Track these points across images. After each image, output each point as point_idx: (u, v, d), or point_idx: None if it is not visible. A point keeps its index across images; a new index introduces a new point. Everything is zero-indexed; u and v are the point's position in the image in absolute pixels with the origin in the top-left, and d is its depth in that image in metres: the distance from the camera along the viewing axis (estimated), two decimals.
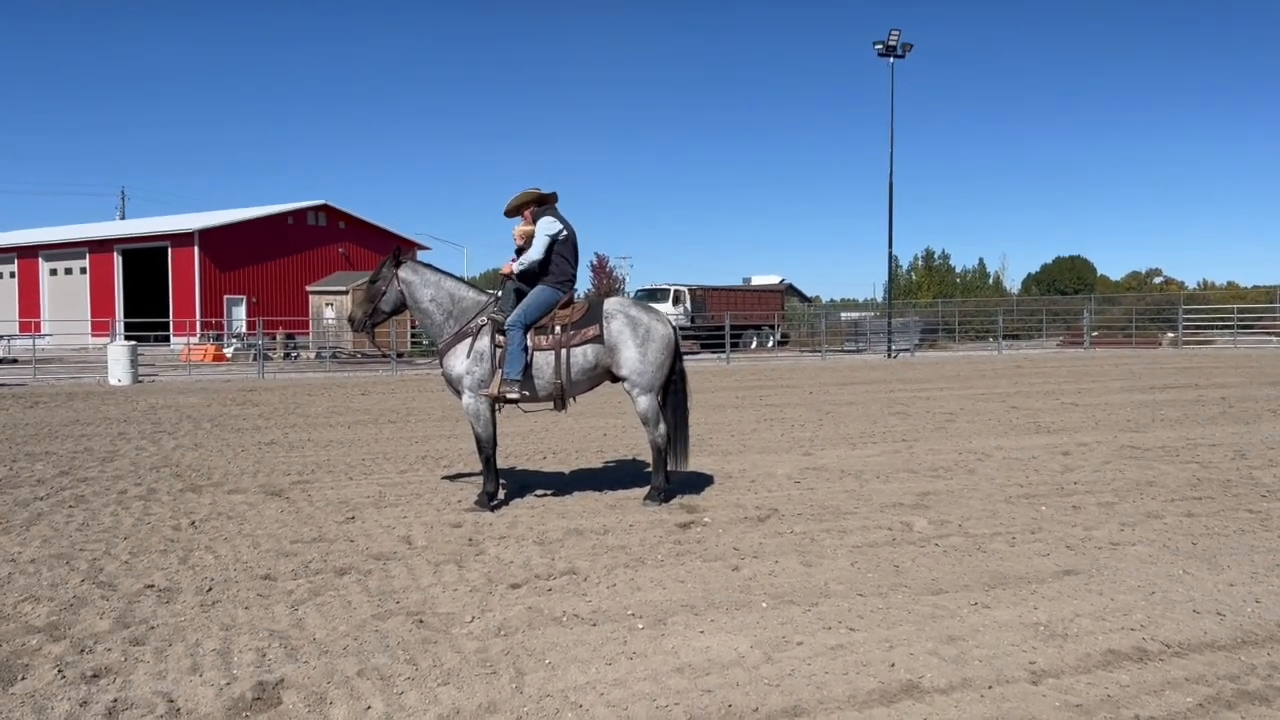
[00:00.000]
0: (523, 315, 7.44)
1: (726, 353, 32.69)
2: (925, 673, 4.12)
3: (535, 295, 7.53)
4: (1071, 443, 10.94)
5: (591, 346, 7.51)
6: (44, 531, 6.83)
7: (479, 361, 7.47)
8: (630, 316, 7.61)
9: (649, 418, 7.64)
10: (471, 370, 7.47)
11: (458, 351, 7.54)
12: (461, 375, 7.51)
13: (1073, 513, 7.23)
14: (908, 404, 15.99)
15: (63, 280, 53.94)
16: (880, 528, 6.78)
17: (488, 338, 7.50)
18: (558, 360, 7.47)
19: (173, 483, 8.84)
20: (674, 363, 7.74)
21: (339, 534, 6.74)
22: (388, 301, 7.83)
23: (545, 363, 7.47)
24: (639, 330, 7.54)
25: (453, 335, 7.59)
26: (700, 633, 4.64)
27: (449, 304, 7.69)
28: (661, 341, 7.58)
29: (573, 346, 7.49)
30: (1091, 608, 4.97)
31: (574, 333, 7.50)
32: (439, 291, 7.72)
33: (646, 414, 7.63)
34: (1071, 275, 75.91)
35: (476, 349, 7.49)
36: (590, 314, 7.59)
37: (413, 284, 7.75)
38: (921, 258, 66.52)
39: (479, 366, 7.47)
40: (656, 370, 7.56)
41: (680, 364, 7.87)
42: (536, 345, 7.46)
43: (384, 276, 7.82)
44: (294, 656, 4.34)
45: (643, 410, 7.62)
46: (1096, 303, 47.88)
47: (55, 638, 4.59)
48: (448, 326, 7.65)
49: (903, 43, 35.28)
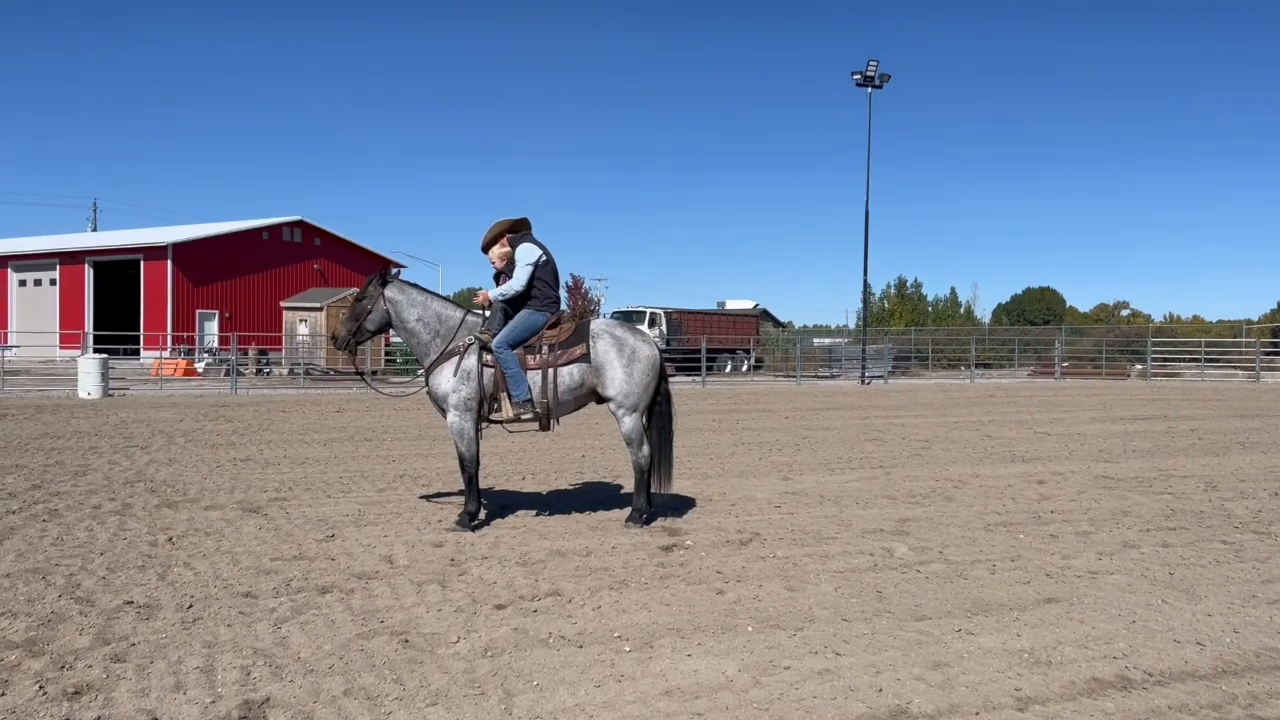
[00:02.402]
0: (509, 337, 7.48)
1: (702, 376, 32.77)
2: (913, 698, 4.14)
3: (522, 318, 7.57)
4: (1046, 472, 11.05)
5: (578, 366, 7.54)
6: (18, 546, 6.73)
7: (465, 381, 7.47)
8: (616, 337, 7.64)
9: (633, 439, 7.66)
10: (458, 389, 7.47)
11: (444, 370, 7.55)
12: (447, 394, 7.51)
13: (1051, 541, 7.30)
14: (883, 430, 16.10)
15: (31, 291, 53.22)
16: (862, 553, 6.82)
17: (474, 357, 7.51)
18: (544, 380, 7.50)
19: (148, 498, 8.73)
20: (659, 384, 7.78)
21: (319, 552, 6.69)
22: (373, 321, 7.81)
23: (534, 381, 7.51)
24: (625, 351, 7.58)
25: (440, 354, 7.59)
26: (687, 656, 4.64)
27: (435, 323, 7.69)
28: (647, 363, 7.62)
29: (560, 366, 7.52)
30: (1074, 635, 5.02)
31: (561, 352, 7.54)
32: (425, 311, 7.73)
33: (631, 435, 7.64)
34: (1041, 306, 76.87)
35: (463, 368, 7.50)
36: (577, 334, 7.62)
37: (399, 303, 7.74)
38: (894, 285, 67.17)
39: (465, 386, 7.47)
40: (642, 391, 7.59)
41: (665, 385, 7.91)
42: (525, 364, 7.50)
43: (370, 295, 7.80)
44: (279, 675, 4.30)
45: (627, 431, 7.63)
46: (1066, 334, 48.45)
47: (34, 653, 4.52)
48: (434, 346, 7.65)
49: (880, 73, 35.71)
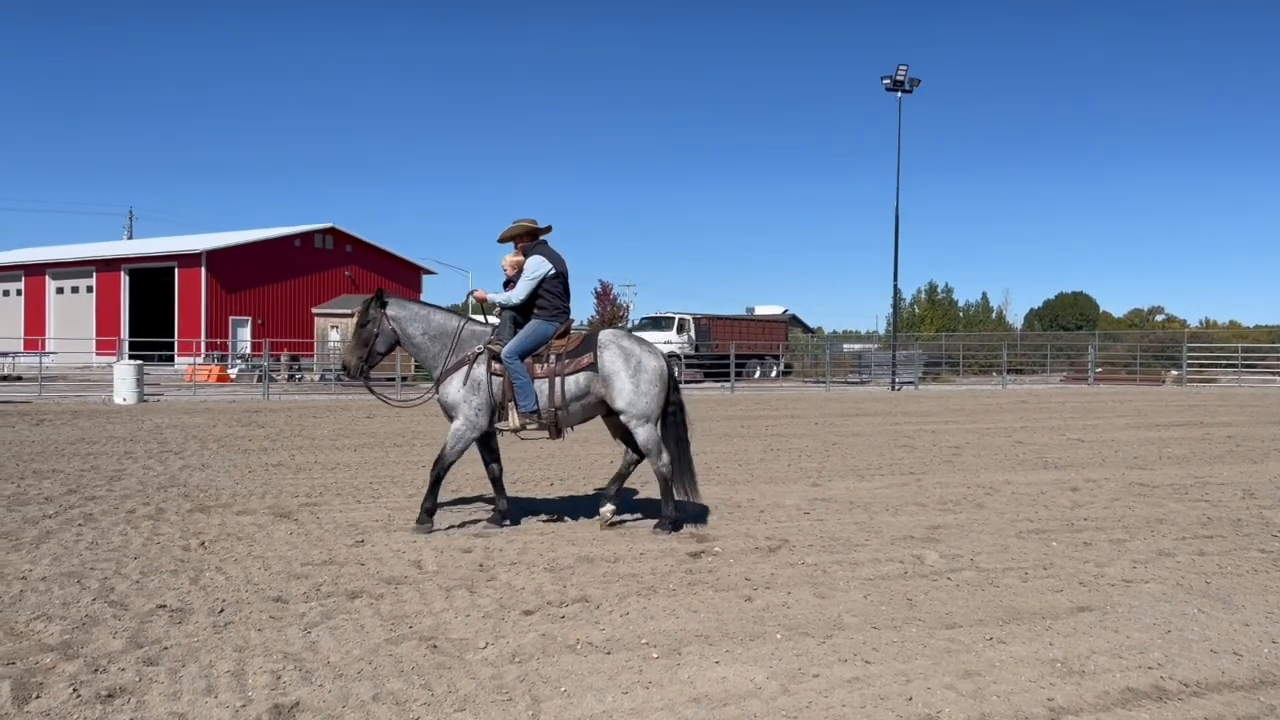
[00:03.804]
0: (518, 347, 7.55)
1: (731, 382, 32.70)
2: (943, 707, 4.10)
3: (531, 328, 7.63)
4: (1079, 479, 10.92)
5: (585, 375, 7.61)
6: (54, 549, 6.83)
7: (475, 390, 7.55)
8: (623, 348, 7.70)
9: (650, 448, 7.68)
10: (468, 399, 7.55)
11: (454, 379, 7.62)
12: (458, 403, 7.59)
13: (1084, 549, 7.21)
14: (914, 437, 15.98)
15: (69, 299, 54.09)
16: (892, 560, 6.77)
17: (484, 366, 7.58)
18: (552, 388, 7.56)
19: (181, 503, 8.83)
20: (670, 394, 7.81)
21: (349, 557, 6.73)
22: (382, 342, 7.83)
23: (541, 390, 7.57)
24: (631, 362, 7.63)
25: (452, 364, 7.65)
26: (715, 663, 4.62)
27: (441, 335, 7.76)
28: (653, 373, 7.67)
29: (567, 375, 7.58)
30: (1107, 645, 4.95)
31: (569, 361, 7.61)
32: (429, 325, 7.80)
33: (648, 444, 7.67)
34: (1074, 311, 76.04)
35: (473, 377, 7.56)
36: (585, 343, 7.70)
37: (402, 319, 7.80)
38: (925, 291, 66.66)
39: (475, 395, 7.55)
40: (651, 401, 7.62)
41: (677, 395, 7.95)
42: (532, 373, 7.57)
43: (372, 319, 7.80)
44: (309, 679, 4.32)
45: (643, 441, 7.66)
46: (1100, 339, 47.90)
47: (69, 656, 4.57)
48: (444, 357, 7.71)
49: (910, 78, 35.54)
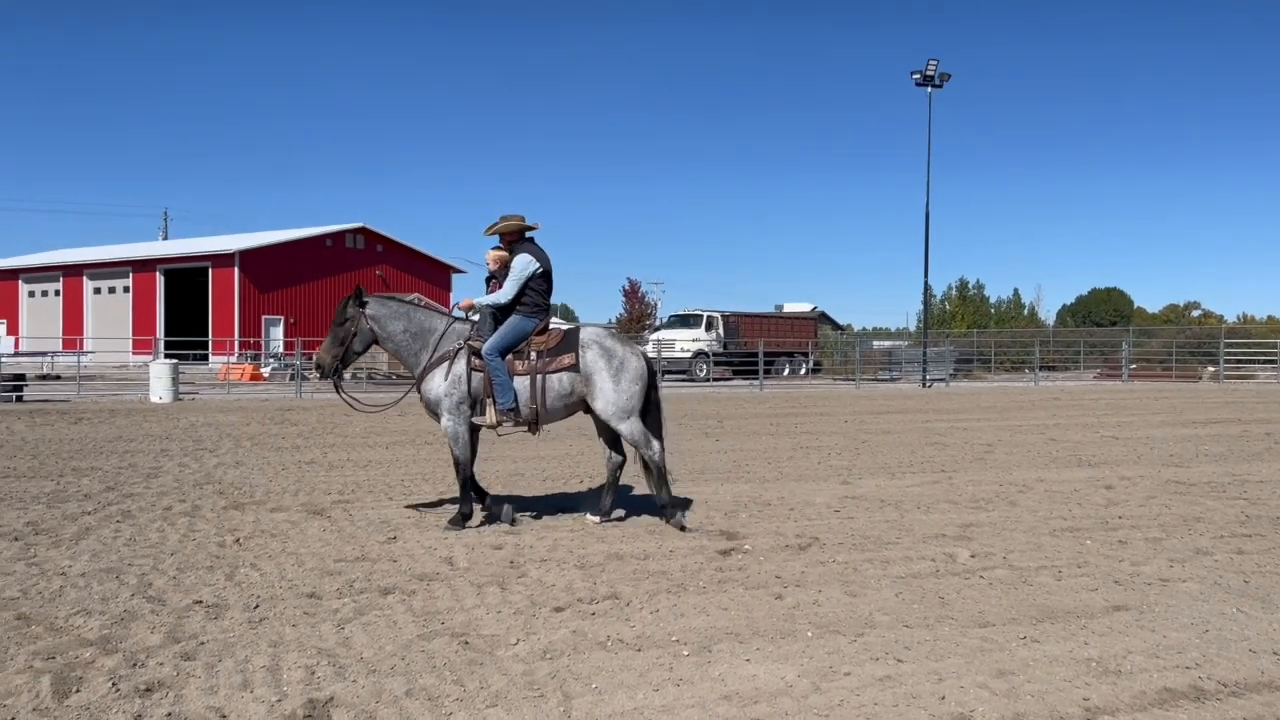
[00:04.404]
0: (499, 343, 7.58)
1: (760, 380, 32.62)
2: (977, 706, 4.07)
3: (511, 324, 7.66)
4: (1114, 476, 10.79)
5: (567, 374, 7.65)
6: (93, 546, 6.93)
7: (457, 384, 7.58)
8: (605, 347, 7.74)
9: (637, 439, 7.73)
10: (450, 393, 7.58)
11: (435, 375, 7.64)
12: (440, 398, 7.62)
13: (1119, 547, 7.13)
14: (945, 434, 15.87)
15: (106, 299, 54.90)
16: (923, 558, 6.72)
17: (464, 361, 7.61)
18: (533, 386, 7.59)
19: (216, 500, 8.94)
20: (650, 392, 7.87)
21: (381, 554, 6.79)
22: (360, 341, 7.82)
23: (522, 387, 7.61)
24: (613, 361, 7.66)
25: (432, 361, 7.66)
26: (746, 661, 4.61)
27: (421, 332, 7.77)
28: (635, 373, 7.72)
29: (549, 373, 7.62)
30: (1144, 644, 4.89)
31: (550, 359, 7.64)
32: (410, 322, 7.81)
33: (634, 437, 7.73)
34: (1107, 307, 75.20)
35: (454, 372, 7.59)
36: (566, 342, 7.73)
37: (382, 317, 7.79)
38: (955, 287, 66.19)
39: (457, 389, 7.58)
40: (631, 399, 7.68)
41: (656, 395, 7.99)
42: (513, 370, 7.60)
43: (350, 317, 7.78)
44: (342, 675, 4.36)
45: (629, 434, 7.72)
46: (1135, 335, 47.31)
47: (108, 651, 4.64)
48: (424, 354, 7.73)
49: (940, 72, 35.26)
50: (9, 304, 57.29)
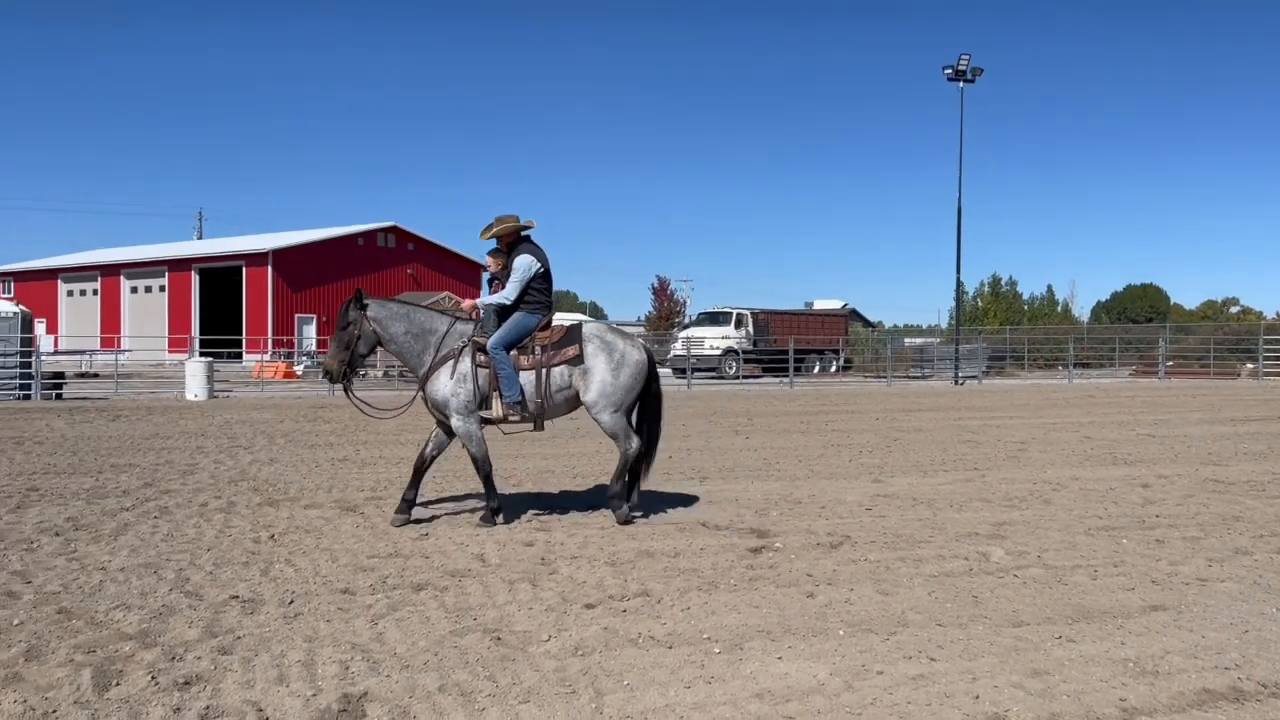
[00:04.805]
0: (503, 338, 7.62)
1: (790, 377, 32.50)
2: (1011, 706, 4.03)
3: (515, 320, 7.70)
4: (1151, 475, 10.65)
5: (569, 367, 7.69)
6: (131, 541, 7.04)
7: (463, 383, 7.59)
8: (607, 341, 7.81)
9: (618, 432, 7.79)
10: (456, 392, 7.59)
11: (440, 375, 7.64)
12: (447, 398, 7.62)
13: (1156, 546, 7.04)
14: (978, 432, 15.74)
15: (143, 298, 55.66)
16: (956, 557, 6.67)
17: (469, 359, 7.62)
18: (538, 380, 7.63)
19: (251, 496, 9.04)
20: (649, 386, 7.94)
21: (414, 550, 6.84)
22: (364, 344, 7.81)
23: (527, 382, 7.63)
24: (614, 355, 7.73)
25: (436, 360, 7.67)
26: (778, 659, 4.60)
27: (423, 333, 7.78)
28: (635, 367, 7.78)
29: (553, 366, 7.65)
30: (1182, 645, 4.83)
31: (554, 353, 7.68)
32: (411, 324, 7.81)
33: (615, 429, 7.78)
34: (1144, 303, 74.23)
35: (459, 371, 7.61)
36: (569, 336, 7.79)
37: (383, 319, 7.79)
38: (988, 284, 65.52)
39: (463, 388, 7.59)
40: (624, 393, 7.74)
41: (657, 387, 8.06)
42: (518, 365, 7.63)
43: (354, 320, 7.77)
44: (376, 670, 4.40)
45: (609, 426, 7.76)
46: (1171, 332, 46.64)
47: (147, 645, 4.71)
48: (426, 355, 7.73)
49: (972, 67, 34.95)
50: (48, 303, 58.23)
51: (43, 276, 60.96)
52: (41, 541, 6.99)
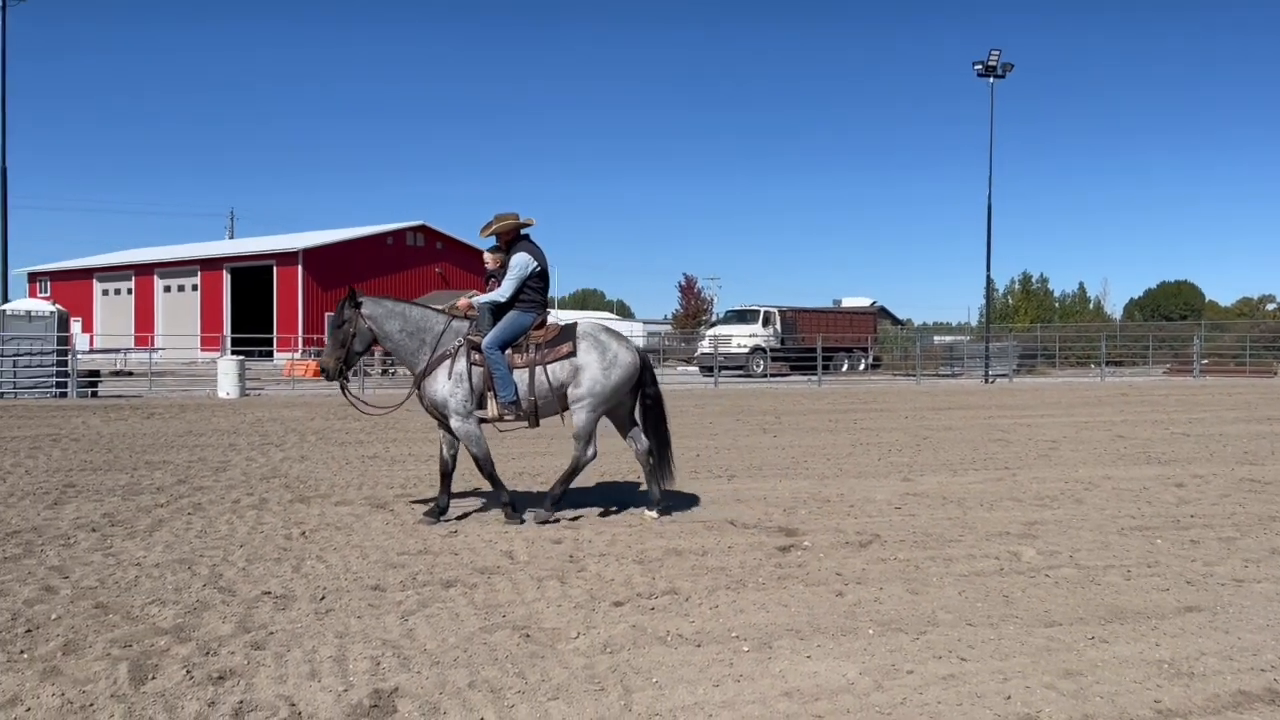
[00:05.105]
0: (498, 337, 7.62)
1: (818, 375, 32.36)
2: (1044, 707, 4.00)
3: (510, 319, 7.70)
4: (1185, 474, 10.52)
5: (564, 364, 7.69)
6: (166, 537, 7.13)
7: (460, 383, 7.59)
8: (600, 341, 7.81)
9: (584, 437, 7.77)
10: (454, 393, 7.59)
11: (438, 375, 7.64)
12: (445, 399, 7.62)
13: (1191, 547, 6.95)
14: (1008, 431, 15.60)
15: (175, 297, 56.32)
16: (987, 557, 6.62)
17: (464, 359, 7.63)
18: (532, 378, 7.63)
19: (282, 493, 9.13)
20: (639, 388, 7.95)
21: (443, 547, 6.88)
22: (359, 342, 7.82)
23: (521, 380, 7.63)
24: (607, 355, 7.72)
25: (433, 359, 7.67)
26: (807, 657, 4.59)
27: (419, 331, 7.78)
28: (626, 368, 7.77)
29: (547, 364, 7.65)
30: (1218, 646, 4.77)
31: (548, 350, 7.68)
32: (406, 321, 7.81)
33: (585, 431, 7.76)
34: (1178, 301, 73.22)
35: (456, 371, 7.61)
36: (564, 334, 7.79)
37: (378, 317, 7.79)
38: (1018, 281, 64.89)
39: (460, 388, 7.59)
40: (611, 394, 7.74)
41: (654, 388, 8.06)
42: (513, 364, 7.64)
43: (348, 319, 7.79)
44: (407, 666, 4.44)
45: (582, 426, 7.74)
46: (1206, 329, 45.99)
47: (182, 639, 4.77)
48: (422, 353, 7.74)
49: (1003, 63, 34.63)
50: (84, 302, 59.05)
51: (78, 276, 61.84)
52: (78, 537, 7.09)
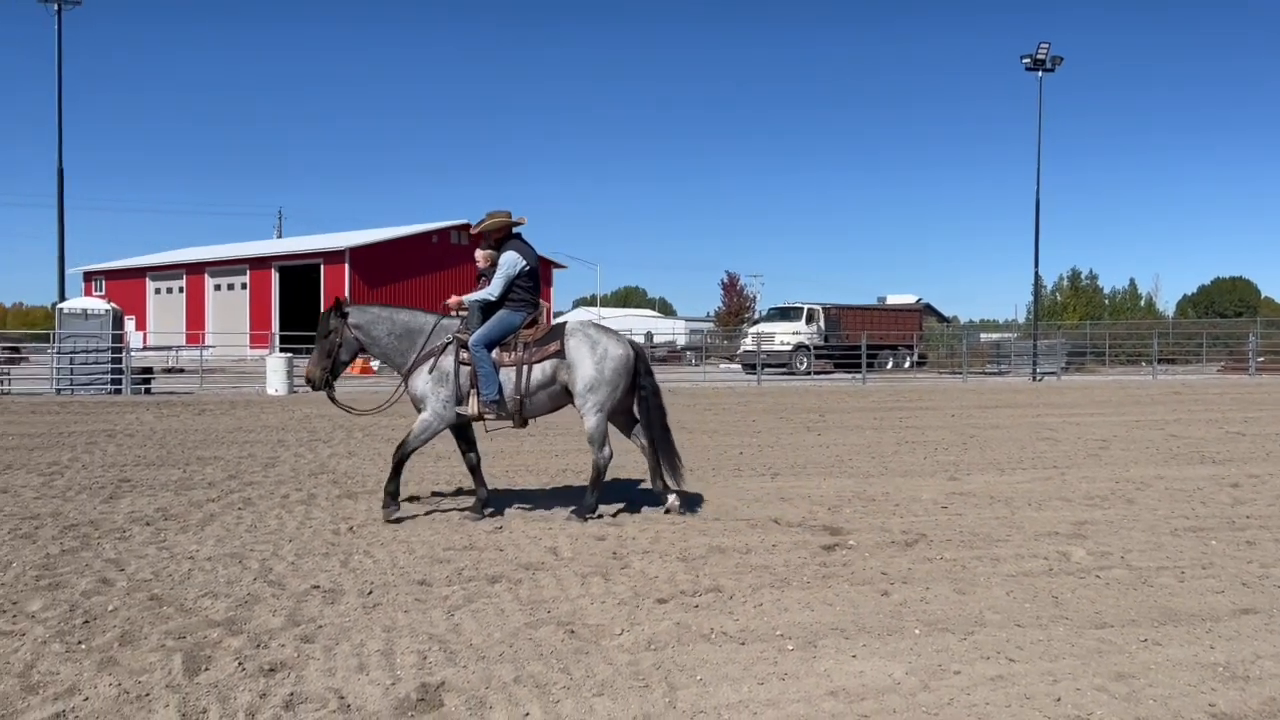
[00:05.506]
0: (485, 335, 7.60)
1: (863, 373, 32.12)
2: (1095, 709, 3.94)
3: (499, 318, 7.68)
4: (1240, 474, 10.30)
5: (552, 362, 7.65)
6: (217, 531, 7.26)
7: (443, 381, 7.61)
8: (590, 336, 7.76)
9: (596, 439, 7.75)
10: (436, 391, 7.61)
11: (420, 371, 7.67)
12: (426, 395, 7.65)
13: (1247, 548, 6.80)
14: (1057, 429, 15.37)
15: (225, 295, 57.27)
16: (1036, 557, 6.53)
17: (451, 356, 7.63)
18: (519, 376, 7.60)
19: (330, 489, 9.26)
20: (635, 383, 7.88)
21: (488, 543, 6.93)
22: (346, 351, 7.84)
23: (507, 379, 7.61)
24: (597, 350, 7.67)
25: (420, 356, 7.69)
26: (852, 657, 4.56)
27: (408, 333, 7.81)
28: (619, 362, 7.70)
29: (534, 363, 7.62)
30: (1274, 649, 4.67)
31: (536, 350, 7.65)
32: (394, 325, 7.84)
33: (594, 434, 7.73)
34: (1232, 297, 71.69)
35: (440, 368, 7.62)
36: (553, 332, 7.77)
37: (365, 324, 7.82)
38: (1067, 278, 63.90)
39: (443, 386, 7.60)
40: (610, 389, 7.67)
41: (650, 379, 7.99)
42: (500, 362, 7.62)
43: (334, 329, 7.81)
44: (453, 660, 4.48)
45: (590, 429, 7.72)
46: (1262, 326, 44.94)
47: (234, 632, 4.86)
48: (412, 354, 7.75)
49: (1052, 56, 34.07)
50: (137, 301, 60.27)
51: (132, 275, 63.11)
52: (133, 531, 7.25)
